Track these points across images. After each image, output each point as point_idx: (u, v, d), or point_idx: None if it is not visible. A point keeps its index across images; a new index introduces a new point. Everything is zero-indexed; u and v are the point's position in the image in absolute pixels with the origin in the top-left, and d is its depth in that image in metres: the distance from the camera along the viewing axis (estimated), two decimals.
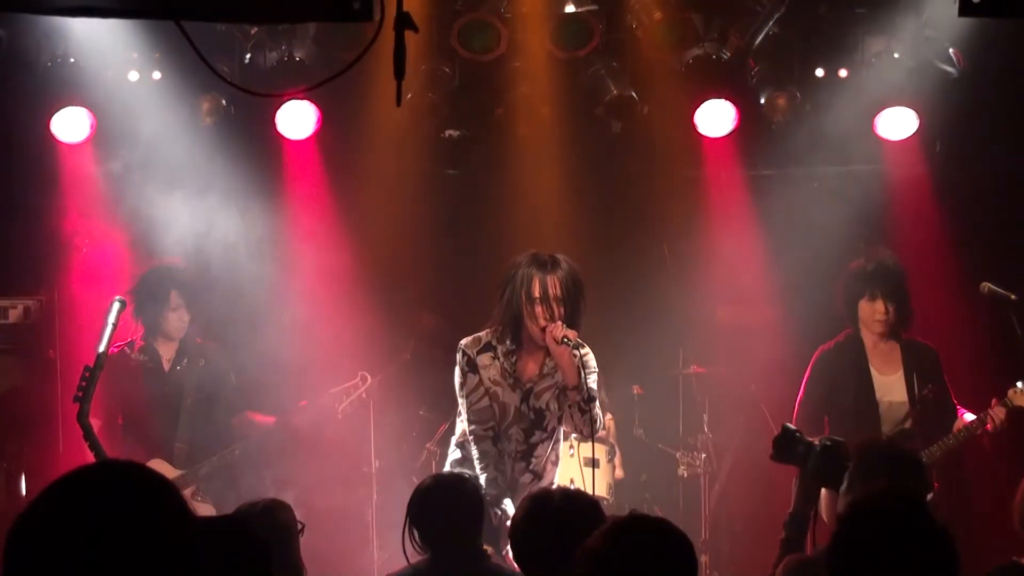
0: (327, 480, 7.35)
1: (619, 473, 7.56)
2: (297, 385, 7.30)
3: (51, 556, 1.81)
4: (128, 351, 6.72)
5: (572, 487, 6.32)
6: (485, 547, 4.46)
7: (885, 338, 6.59)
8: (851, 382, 6.51)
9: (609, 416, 7.53)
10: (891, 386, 6.55)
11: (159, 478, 1.93)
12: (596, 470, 6.52)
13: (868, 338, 6.59)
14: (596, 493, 5.88)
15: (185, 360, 6.82)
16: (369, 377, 7.01)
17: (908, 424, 6.50)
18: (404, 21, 3.22)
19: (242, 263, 7.54)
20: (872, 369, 6.55)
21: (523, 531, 3.81)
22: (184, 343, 6.82)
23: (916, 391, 6.46)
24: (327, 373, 7.35)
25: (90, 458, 5.65)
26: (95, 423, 6.02)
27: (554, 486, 5.63)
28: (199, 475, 6.60)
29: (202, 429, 6.76)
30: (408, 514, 4.31)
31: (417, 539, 4.28)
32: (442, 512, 4.31)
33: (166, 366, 6.81)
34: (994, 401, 6.37)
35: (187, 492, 6.37)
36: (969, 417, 6.44)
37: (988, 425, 6.34)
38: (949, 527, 2.79)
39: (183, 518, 1.90)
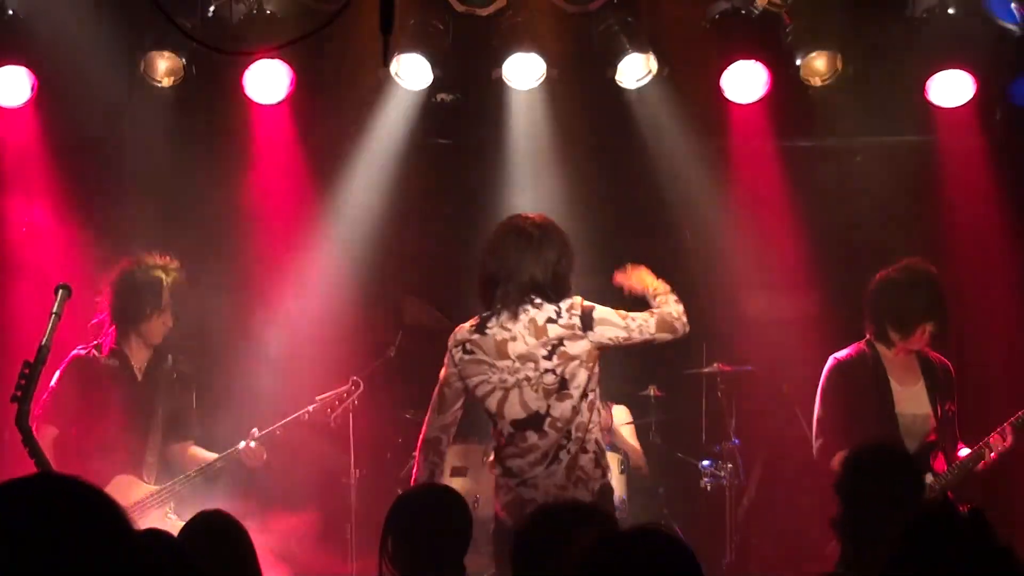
0: (304, 494, 7.33)
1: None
2: (277, 384, 7.29)
3: None
4: (96, 354, 6.41)
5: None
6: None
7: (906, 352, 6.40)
8: (872, 395, 6.27)
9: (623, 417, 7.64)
10: (913, 398, 6.34)
11: (99, 495, 1.93)
12: None
13: (885, 351, 6.35)
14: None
15: (160, 368, 6.54)
16: (362, 383, 6.89)
17: (932, 437, 6.28)
18: None
19: (205, 247, 7.36)
20: (892, 380, 6.32)
21: (525, 543, 3.65)
22: (160, 349, 6.53)
23: (939, 404, 6.28)
24: (306, 370, 7.36)
25: (30, 464, 5.23)
26: (51, 431, 6.09)
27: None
28: (175, 491, 6.36)
29: (176, 442, 6.56)
30: (385, 527, 4.13)
31: (390, 556, 4.10)
32: (425, 528, 4.12)
33: (138, 374, 6.49)
34: (995, 434, 6.20)
35: (164, 509, 6.27)
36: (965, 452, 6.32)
37: (994, 454, 6.16)
38: (1012, 545, 2.75)
39: (119, 539, 1.89)
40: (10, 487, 1.91)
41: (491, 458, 6.59)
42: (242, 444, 6.42)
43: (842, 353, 6.38)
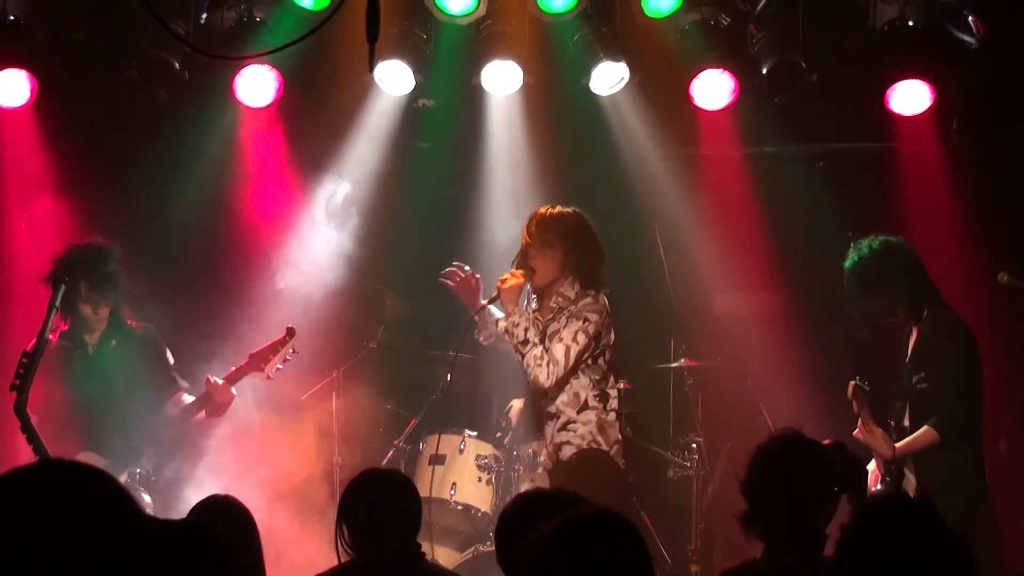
0: (287, 477, 7.17)
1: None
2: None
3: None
4: (49, 336, 6.39)
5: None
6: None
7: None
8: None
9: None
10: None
11: (110, 480, 1.88)
12: None
13: None
14: None
15: (113, 342, 6.44)
16: (296, 330, 6.59)
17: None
18: None
19: (194, 242, 7.53)
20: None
21: (511, 529, 3.69)
22: (111, 325, 6.43)
23: None
24: (290, 363, 7.01)
25: (27, 451, 5.46)
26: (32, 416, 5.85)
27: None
28: (137, 469, 6.34)
29: (137, 417, 6.36)
30: (339, 513, 4.20)
31: (347, 540, 4.15)
32: (374, 509, 4.18)
33: (91, 350, 6.44)
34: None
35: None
36: None
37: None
38: (960, 532, 2.78)
39: (134, 523, 1.85)
40: (17, 475, 1.86)
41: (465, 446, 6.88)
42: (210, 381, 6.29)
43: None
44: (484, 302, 6.13)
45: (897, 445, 5.91)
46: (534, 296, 6.21)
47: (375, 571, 4.16)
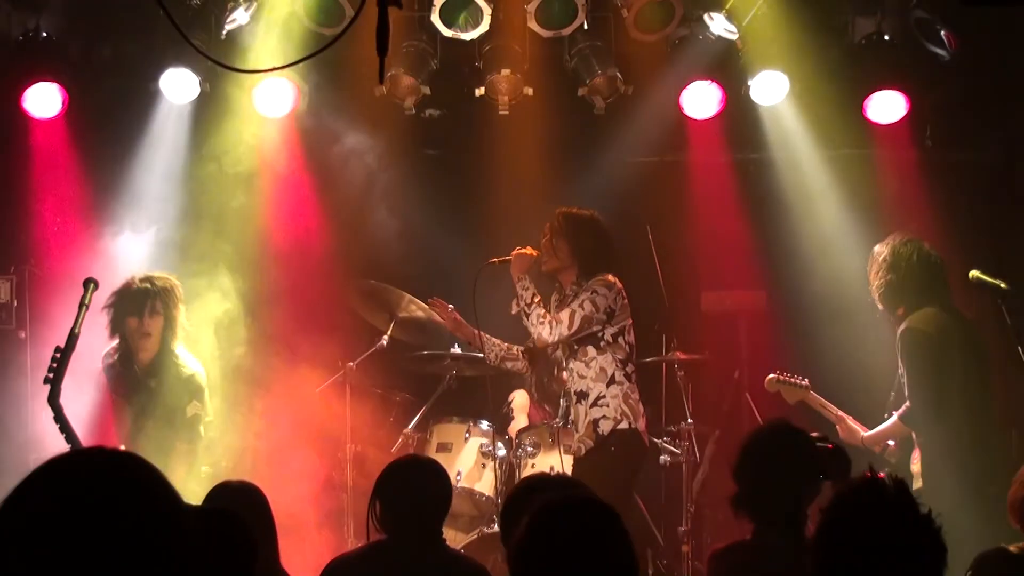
0: (303, 462, 7.28)
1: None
2: (279, 368, 7.34)
3: (38, 544, 1.73)
4: (111, 356, 6.67)
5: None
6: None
7: None
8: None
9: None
10: None
11: (148, 465, 1.85)
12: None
13: None
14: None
15: (161, 370, 6.61)
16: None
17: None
18: None
19: (218, 242, 7.48)
20: None
21: (516, 512, 3.70)
22: (160, 354, 6.63)
23: None
24: (306, 356, 7.40)
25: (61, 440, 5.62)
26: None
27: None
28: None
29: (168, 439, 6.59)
30: (374, 491, 4.29)
31: (378, 518, 4.25)
32: (409, 493, 4.28)
33: (139, 371, 6.64)
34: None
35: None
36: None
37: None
38: (935, 513, 2.80)
39: (174, 507, 1.82)
40: (57, 462, 1.83)
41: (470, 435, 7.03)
42: None
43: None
44: (495, 260, 6.57)
45: (865, 434, 6.35)
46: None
47: (401, 552, 4.24)
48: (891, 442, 6.40)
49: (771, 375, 6.66)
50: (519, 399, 7.58)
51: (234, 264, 7.30)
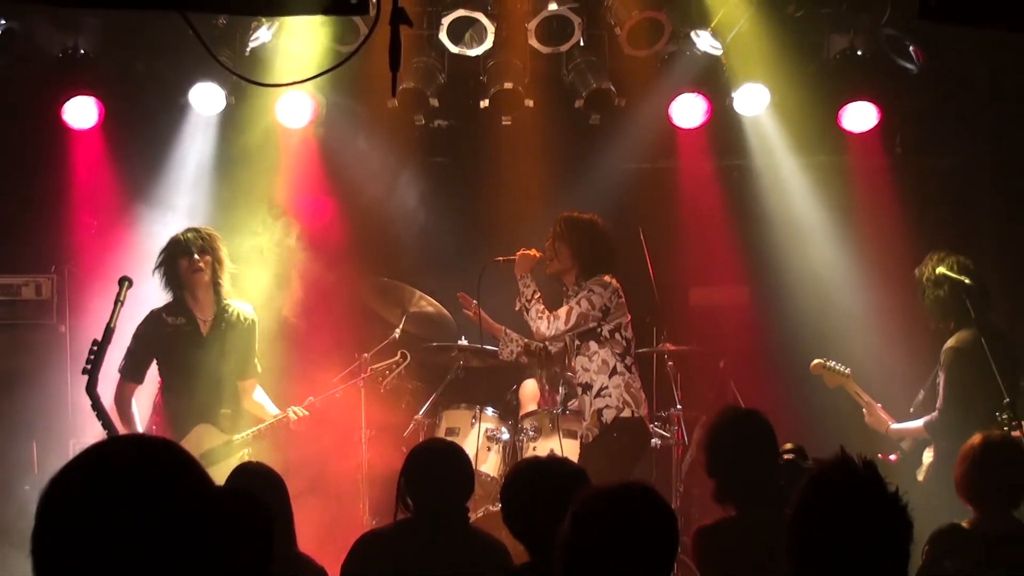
0: (324, 448, 7.42)
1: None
2: (300, 358, 7.51)
3: (81, 521, 1.80)
4: (164, 315, 6.65)
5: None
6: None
7: None
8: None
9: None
10: None
11: (179, 450, 1.91)
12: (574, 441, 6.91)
13: None
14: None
15: (223, 325, 6.69)
16: (408, 356, 7.24)
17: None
18: (400, 16, 3.32)
19: (246, 240, 7.59)
20: None
21: (514, 491, 3.93)
22: (219, 306, 6.69)
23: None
24: (324, 346, 7.59)
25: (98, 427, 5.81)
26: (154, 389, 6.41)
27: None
28: (248, 439, 6.62)
29: (240, 380, 6.75)
30: (402, 471, 4.37)
31: (407, 496, 4.33)
32: (436, 473, 4.36)
33: (203, 329, 6.68)
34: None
35: (239, 456, 6.47)
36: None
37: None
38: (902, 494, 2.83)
39: (207, 492, 1.88)
40: (95, 450, 1.86)
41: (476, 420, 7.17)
42: (292, 414, 6.62)
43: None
44: (500, 259, 6.75)
45: (892, 426, 6.51)
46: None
47: (427, 529, 4.31)
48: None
49: (816, 360, 6.70)
50: (528, 388, 7.69)
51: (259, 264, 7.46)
